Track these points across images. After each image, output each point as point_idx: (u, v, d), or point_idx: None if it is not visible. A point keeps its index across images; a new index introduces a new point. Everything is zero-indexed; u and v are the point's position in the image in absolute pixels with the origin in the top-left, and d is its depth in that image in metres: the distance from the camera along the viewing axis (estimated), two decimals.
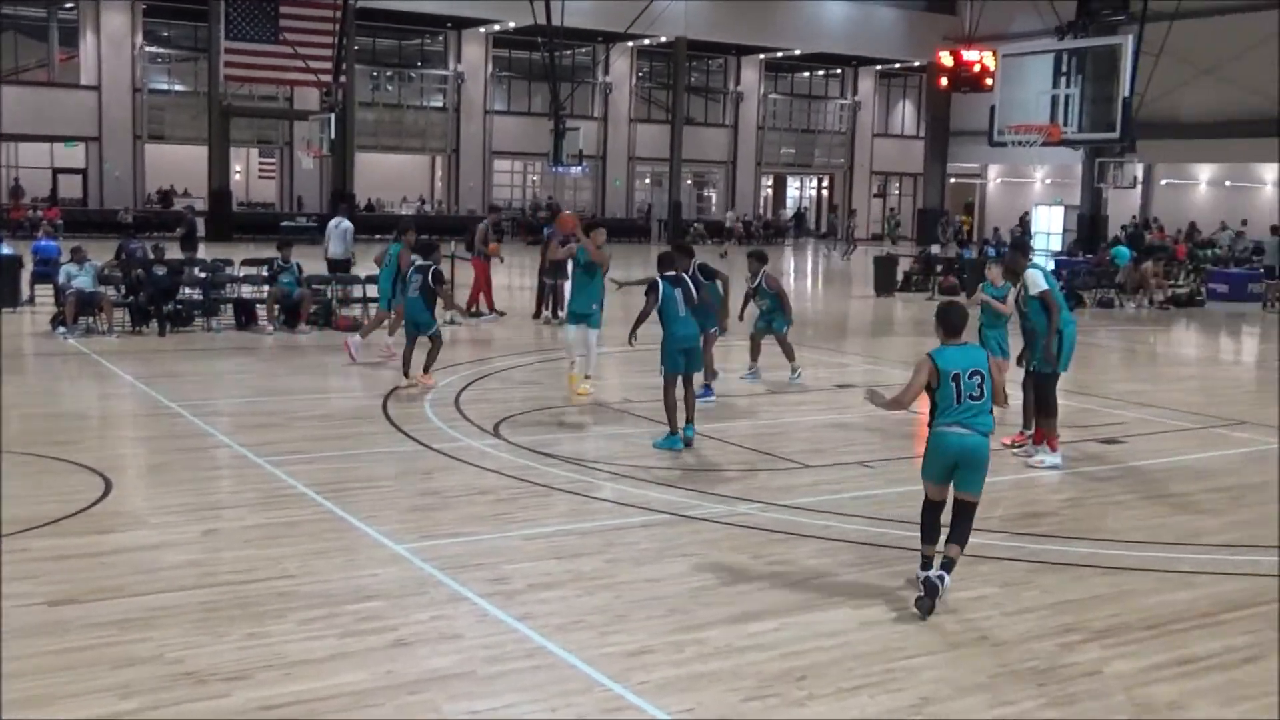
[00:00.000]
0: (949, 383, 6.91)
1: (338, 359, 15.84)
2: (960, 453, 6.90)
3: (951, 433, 6.89)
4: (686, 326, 10.88)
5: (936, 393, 6.95)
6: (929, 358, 6.98)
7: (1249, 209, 44.31)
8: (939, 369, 6.93)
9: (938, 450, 6.95)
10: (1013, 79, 23.78)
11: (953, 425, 6.89)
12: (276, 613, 6.48)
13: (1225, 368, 19.61)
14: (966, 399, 6.91)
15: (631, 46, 51.34)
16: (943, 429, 6.92)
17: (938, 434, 6.94)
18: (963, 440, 6.89)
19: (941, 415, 6.94)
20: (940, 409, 6.94)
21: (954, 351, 7.03)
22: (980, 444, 6.92)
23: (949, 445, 6.90)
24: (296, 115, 43.51)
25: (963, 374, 6.92)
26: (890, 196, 61.96)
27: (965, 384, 6.92)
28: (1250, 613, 6.91)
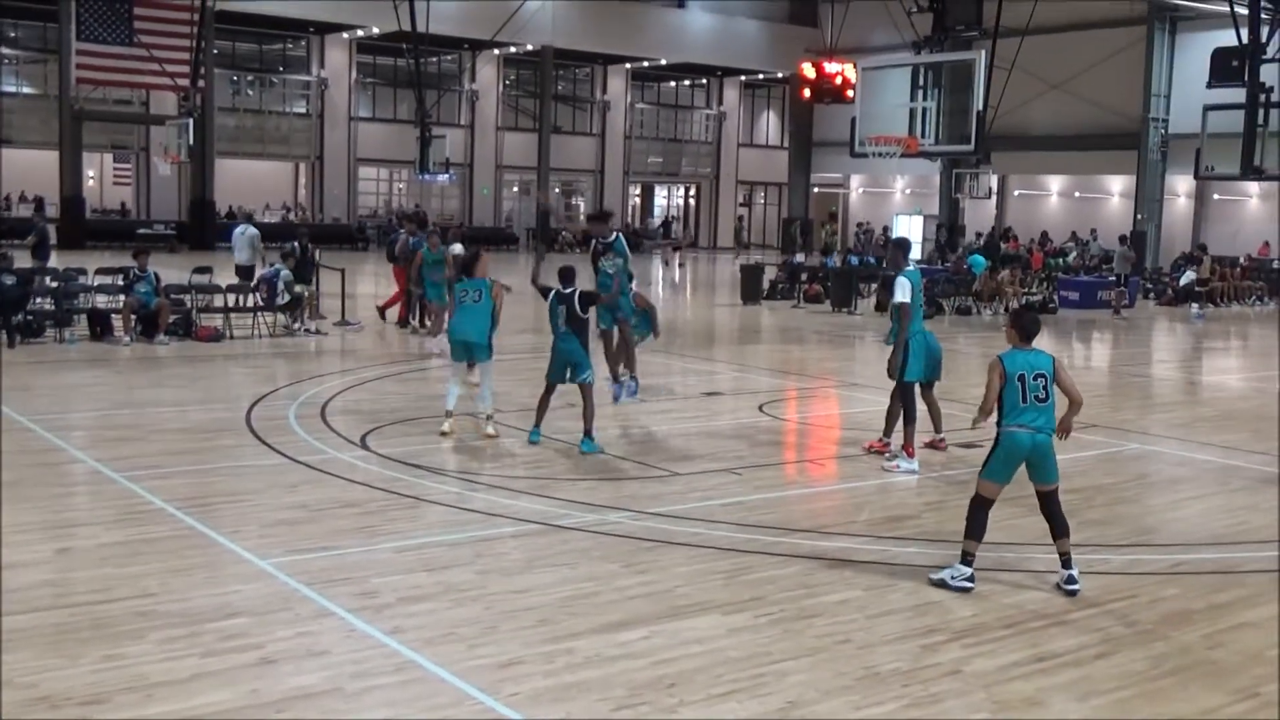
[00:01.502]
0: (1014, 383, 7.42)
1: (198, 370, 15.45)
2: (1031, 450, 7.40)
3: (1021, 433, 7.38)
4: (566, 341, 11.33)
5: (1003, 393, 7.49)
6: (999, 360, 7.54)
7: (1097, 219, 45.99)
8: (1006, 371, 7.45)
9: (1009, 450, 7.44)
10: (872, 91, 24.28)
11: (1021, 426, 7.39)
12: (135, 633, 6.30)
13: (1077, 373, 20.24)
14: (1032, 399, 7.41)
15: (498, 54, 51.13)
16: (1012, 429, 7.40)
17: (1008, 434, 7.42)
18: (1033, 439, 7.38)
19: (1009, 415, 7.42)
20: (1008, 409, 7.43)
21: (1022, 355, 7.55)
22: (1045, 442, 7.43)
23: (1018, 443, 7.39)
24: (153, 120, 42.32)
25: (1028, 375, 7.42)
26: (755, 206, 62.79)
27: (1034, 385, 7.42)
28: (1100, 610, 7.17)
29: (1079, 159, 45.15)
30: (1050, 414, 7.47)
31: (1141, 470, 11.44)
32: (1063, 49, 42.16)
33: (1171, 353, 23.55)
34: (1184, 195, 44.31)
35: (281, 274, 20.12)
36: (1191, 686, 6.10)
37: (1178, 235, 43.31)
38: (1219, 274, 33.53)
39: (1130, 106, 42.16)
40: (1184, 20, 40.75)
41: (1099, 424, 13.66)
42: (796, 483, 10.75)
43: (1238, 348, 24.51)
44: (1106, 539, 8.85)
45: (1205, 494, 10.47)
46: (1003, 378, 7.46)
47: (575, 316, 11.33)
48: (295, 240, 21.01)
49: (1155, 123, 41.92)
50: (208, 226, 43.00)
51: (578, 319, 11.35)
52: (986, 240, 41.26)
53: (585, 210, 57.82)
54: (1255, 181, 33.58)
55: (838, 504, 9.88)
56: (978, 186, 37.65)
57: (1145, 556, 8.44)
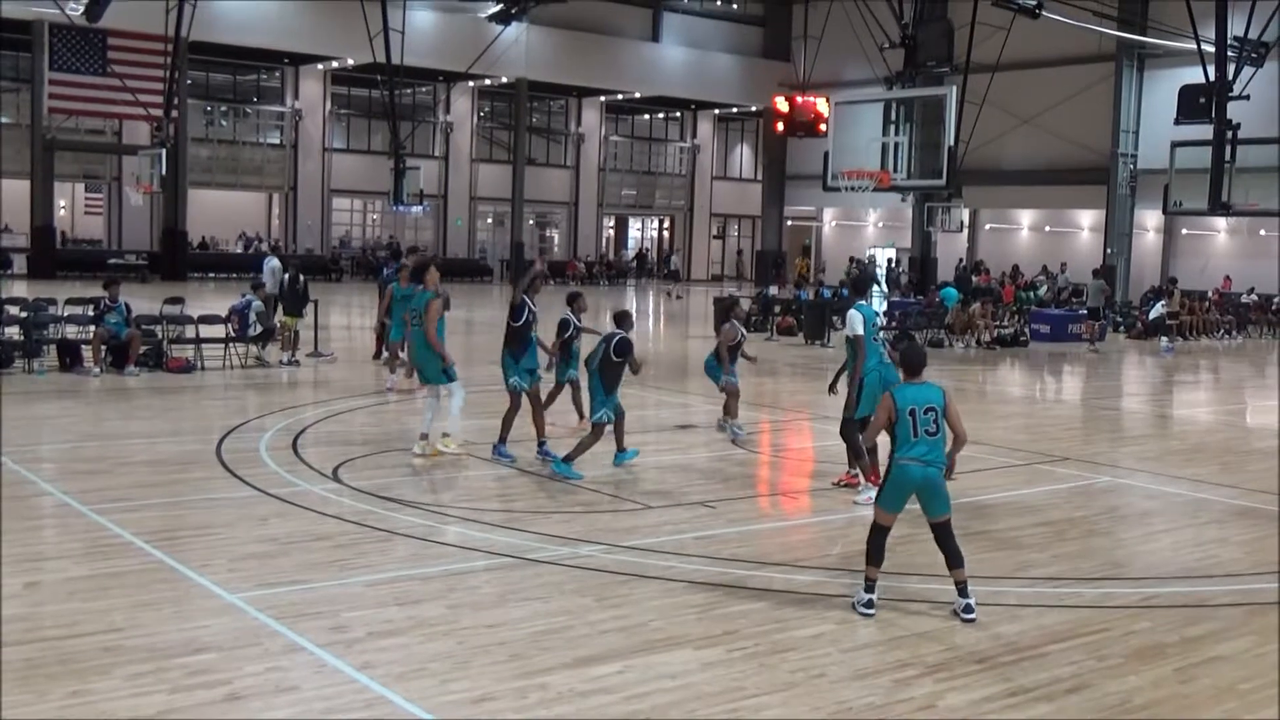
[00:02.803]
0: (905, 418, 7.47)
1: (168, 401, 15.35)
2: (922, 483, 7.47)
3: (913, 466, 7.45)
4: (592, 379, 12.13)
5: (895, 427, 7.55)
6: (889, 395, 7.65)
7: (1068, 253, 46.36)
8: (897, 406, 7.50)
9: (899, 482, 7.52)
10: (845, 126, 24.47)
11: (912, 459, 7.46)
12: (102, 668, 6.23)
13: (1048, 406, 20.42)
14: (923, 433, 7.46)
15: (473, 86, 51.28)
16: (904, 461, 7.48)
17: (899, 466, 7.49)
18: (924, 472, 7.45)
19: (901, 449, 7.50)
20: (900, 442, 7.50)
21: (913, 389, 7.61)
22: (935, 475, 7.51)
23: (908, 476, 7.47)
24: (125, 150, 42.20)
25: (919, 409, 7.47)
26: (729, 238, 63.02)
27: (921, 419, 7.47)
28: (1074, 643, 7.18)
29: (1049, 193, 45.60)
30: (940, 447, 7.57)
31: (1112, 503, 11.49)
32: (1033, 85, 42.64)
33: (1141, 386, 23.71)
34: (1153, 230, 44.76)
35: (253, 305, 20.04)
36: None
37: (1147, 269, 43.73)
38: (1188, 308, 33.81)
39: (1100, 142, 42.65)
40: (1152, 57, 41.28)
41: (1070, 457, 13.74)
42: (769, 516, 10.75)
43: (1207, 381, 24.70)
44: (1078, 572, 8.87)
45: (1176, 527, 10.52)
46: (893, 413, 7.54)
47: (608, 359, 11.80)
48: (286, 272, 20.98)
49: (1124, 158, 42.41)
50: (179, 257, 42.86)
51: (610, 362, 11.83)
52: (958, 274, 41.53)
53: (558, 243, 57.93)
54: (1223, 216, 33.93)
55: (810, 537, 9.87)
56: (949, 220, 37.86)
57: (1117, 590, 8.46)
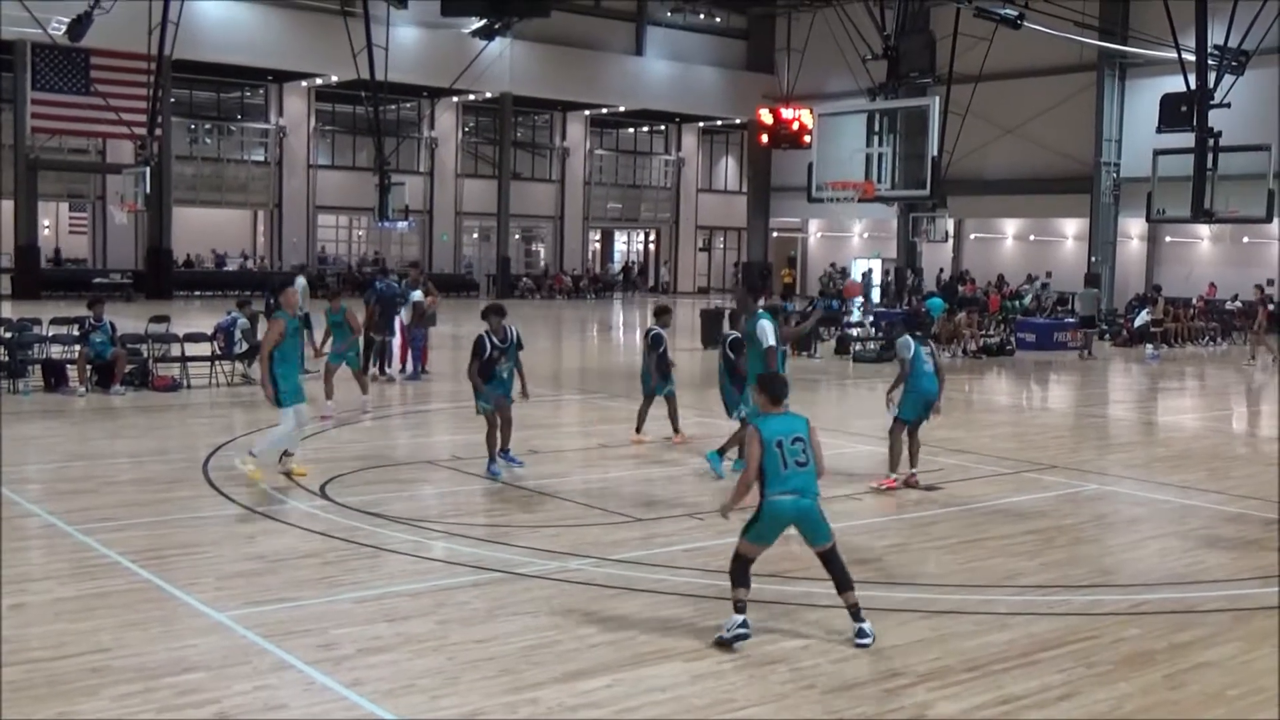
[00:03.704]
0: (772, 451, 7.10)
1: (154, 420, 15.29)
2: (796, 515, 7.14)
3: (786, 500, 7.08)
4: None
5: (763, 461, 7.11)
6: (756, 429, 7.22)
7: (1053, 261, 46.52)
8: (764, 439, 7.12)
9: (773, 518, 7.14)
10: (829, 137, 24.45)
11: (785, 493, 7.08)
12: (89, 689, 6.19)
13: (1035, 414, 20.46)
14: (793, 464, 7.11)
15: (457, 101, 51.29)
16: (776, 497, 7.09)
17: (771, 502, 7.10)
18: (798, 505, 7.11)
19: (772, 484, 7.10)
20: (770, 477, 7.10)
21: (777, 420, 7.26)
22: (811, 506, 7.15)
23: (781, 512, 7.11)
24: (109, 168, 42.07)
25: (785, 440, 7.13)
26: (715, 250, 63.10)
27: (792, 450, 7.13)
28: (1064, 651, 7.18)
29: (1034, 202, 45.76)
30: (812, 477, 7.20)
31: (1100, 510, 11.51)
32: (1016, 95, 42.83)
33: (1128, 393, 23.77)
34: (1137, 238, 44.92)
35: (238, 322, 20.00)
36: None
37: (1132, 277, 43.88)
38: (1173, 315, 33.93)
39: (1083, 151, 42.83)
40: (1133, 66, 41.49)
41: (1058, 464, 13.77)
42: None
43: (1193, 388, 24.79)
44: (1067, 580, 8.88)
45: (1163, 534, 10.54)
46: (762, 446, 7.12)
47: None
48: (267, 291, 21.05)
49: (1107, 167, 42.59)
50: (164, 275, 42.73)
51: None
52: (944, 283, 41.64)
53: (545, 257, 57.95)
54: (1205, 224, 34.06)
55: (800, 548, 9.83)
56: (934, 230, 37.98)
57: (1106, 597, 8.47)
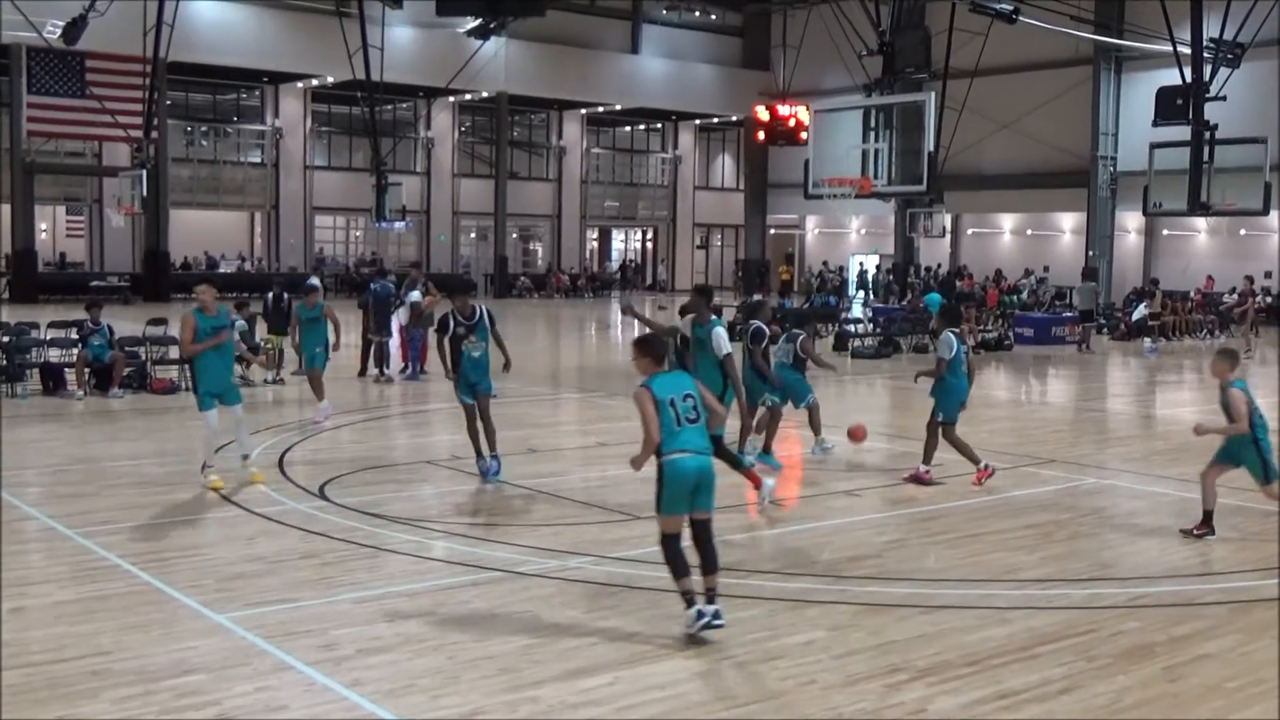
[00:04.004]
0: (666, 409, 7.08)
1: (152, 423, 15.30)
2: (699, 475, 7.08)
3: (687, 458, 7.05)
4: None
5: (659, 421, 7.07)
6: (646, 389, 7.15)
7: (1050, 256, 46.57)
8: (656, 397, 7.09)
9: (678, 479, 7.05)
10: (825, 133, 24.52)
11: (683, 451, 7.05)
12: (89, 692, 6.20)
13: (1033, 408, 20.48)
14: (685, 421, 7.10)
15: (453, 101, 51.27)
16: (674, 456, 7.04)
17: (671, 462, 7.04)
18: (698, 462, 7.08)
19: (668, 442, 7.05)
20: (665, 437, 7.05)
21: (662, 378, 7.24)
22: (709, 464, 7.16)
23: (686, 469, 7.05)
24: (106, 171, 42.02)
25: (677, 398, 7.12)
26: (713, 248, 63.09)
27: (683, 408, 7.12)
28: (1063, 645, 7.19)
29: (1031, 197, 45.75)
30: (704, 433, 7.22)
31: (1099, 504, 11.52)
32: (1012, 90, 42.83)
33: (1126, 387, 23.79)
34: (1134, 231, 44.94)
35: (237, 324, 19.95)
36: None
37: (1129, 271, 43.90)
38: (1170, 308, 33.95)
39: (1079, 145, 42.84)
40: (1129, 60, 41.49)
41: (1057, 459, 13.77)
42: (757, 524, 10.74)
43: (1191, 381, 24.79)
44: (1066, 573, 8.89)
45: (1162, 527, 10.54)
46: (656, 404, 7.08)
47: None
48: (270, 290, 21.04)
49: (1104, 160, 42.60)
50: (162, 278, 42.70)
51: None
52: (942, 279, 41.64)
53: (542, 256, 57.93)
54: (1202, 217, 34.09)
55: (799, 544, 9.87)
56: (932, 226, 37.95)
57: (1105, 590, 8.48)
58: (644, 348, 7.45)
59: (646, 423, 7.07)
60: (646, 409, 7.08)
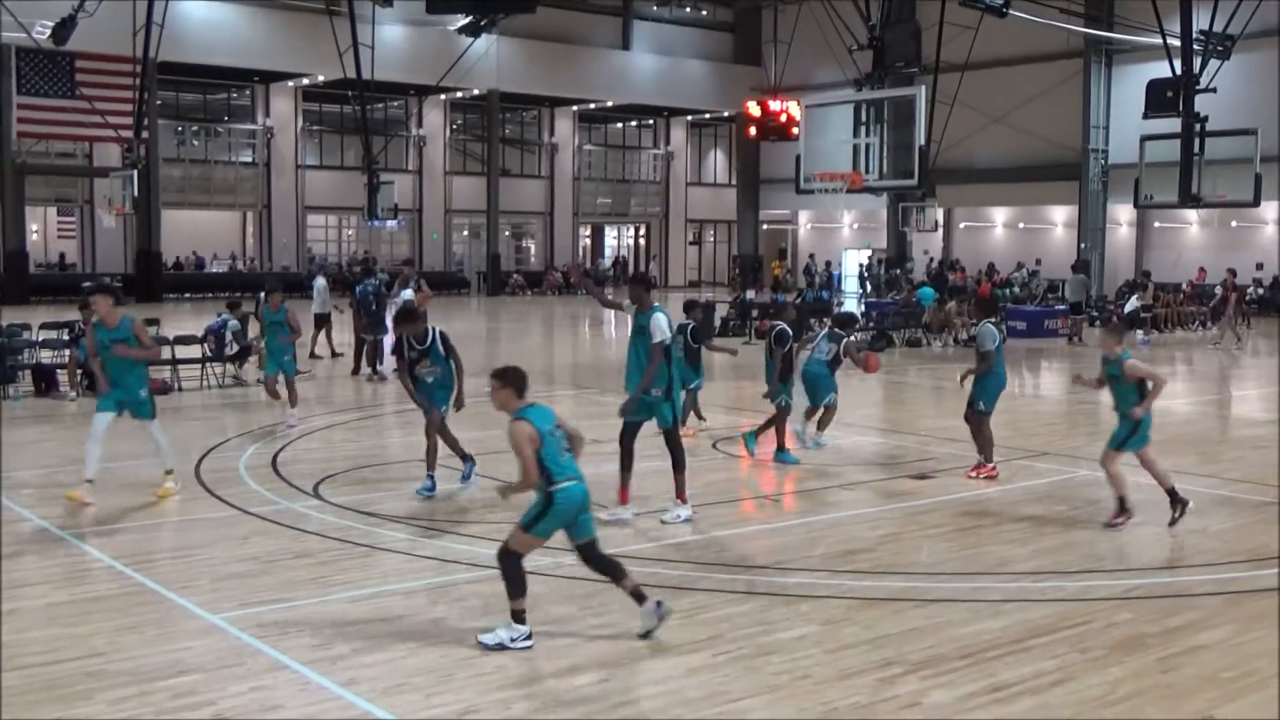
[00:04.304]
0: (550, 439, 6.97)
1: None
2: (584, 499, 7.06)
3: (575, 485, 6.98)
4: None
5: (542, 453, 6.92)
6: (527, 422, 6.94)
7: (1042, 249, 46.64)
8: (539, 430, 6.94)
9: (570, 505, 6.97)
10: (816, 129, 24.51)
11: (571, 478, 6.99)
12: (85, 694, 6.20)
13: (1026, 401, 20.48)
14: (564, 452, 7.04)
15: (444, 99, 51.25)
16: (566, 484, 6.95)
17: (565, 490, 6.94)
18: (583, 488, 7.05)
19: (557, 472, 6.93)
20: (554, 467, 6.93)
21: (538, 410, 7.08)
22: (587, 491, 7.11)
23: (576, 497, 6.99)
24: (96, 172, 41.91)
25: (553, 428, 7.02)
26: (705, 244, 63.11)
27: (558, 437, 7.03)
28: (1056, 637, 7.21)
29: (1022, 190, 45.84)
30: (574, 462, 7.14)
31: (1092, 496, 11.53)
32: (1003, 83, 42.90)
33: None
34: (1126, 224, 45.03)
35: (229, 324, 19.98)
36: (1147, 711, 6.15)
37: (1121, 263, 43.98)
38: (1162, 300, 34.01)
39: (1071, 138, 42.92)
40: (1119, 53, 41.56)
41: (1050, 451, 13.80)
42: (751, 519, 10.77)
43: (1183, 373, 24.84)
44: (1060, 566, 8.91)
45: (1155, 518, 10.56)
46: (537, 439, 6.91)
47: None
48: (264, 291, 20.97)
49: (1095, 153, 42.69)
50: (154, 278, 42.67)
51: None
52: (934, 272, 41.68)
53: (535, 253, 57.90)
54: (1193, 209, 34.16)
55: (793, 539, 9.88)
56: (924, 220, 38.05)
57: (1098, 582, 8.50)
58: (506, 378, 7.11)
59: (528, 463, 6.89)
60: (526, 447, 6.88)
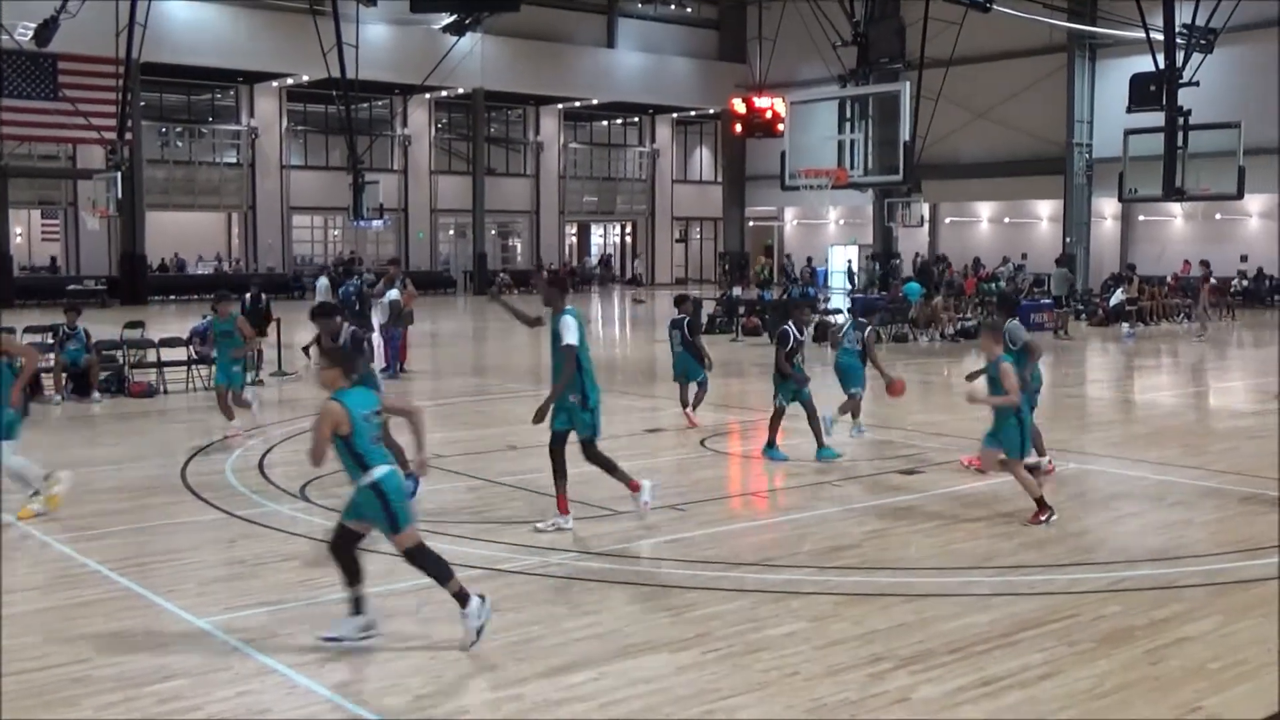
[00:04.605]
0: (363, 425, 6.87)
1: (131, 426, 15.22)
2: (405, 488, 7.01)
3: (392, 471, 6.92)
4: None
5: (353, 439, 6.81)
6: (340, 404, 6.81)
7: (1028, 243, 46.74)
8: (352, 414, 6.81)
9: (400, 489, 6.92)
10: (801, 125, 24.56)
11: (389, 463, 6.94)
12: (71, 700, 6.17)
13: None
14: (377, 441, 6.98)
15: (429, 98, 51.16)
16: (386, 469, 6.87)
17: (389, 474, 6.86)
18: (399, 474, 6.99)
19: (374, 457, 6.86)
20: (366, 454, 6.85)
21: (358, 394, 6.98)
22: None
23: (398, 481, 6.93)
24: (80, 174, 41.77)
25: (370, 414, 6.97)
26: (692, 241, 63.12)
27: (374, 424, 6.97)
28: (1045, 630, 7.22)
29: (1007, 185, 45.97)
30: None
31: (1079, 489, 11.57)
32: (987, 78, 43.01)
33: (1104, 372, 23.89)
34: (1110, 217, 45.16)
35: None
36: (1136, 703, 6.16)
37: (1106, 257, 44.13)
38: (1147, 293, 34.13)
39: (1055, 132, 43.03)
40: (1103, 47, 41.69)
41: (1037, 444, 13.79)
42: (740, 516, 10.77)
43: (1168, 365, 24.93)
44: (1048, 559, 8.93)
45: (1142, 510, 10.61)
46: (350, 422, 6.76)
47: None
48: (248, 291, 20.98)
49: (1079, 148, 42.81)
50: (139, 280, 42.53)
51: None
52: (921, 267, 41.76)
53: (521, 252, 57.83)
54: (1177, 202, 34.29)
55: (781, 536, 9.89)
56: (910, 215, 38.15)
57: (1086, 575, 8.52)
58: (334, 358, 7.08)
59: (320, 442, 6.76)
60: (325, 428, 6.73)
